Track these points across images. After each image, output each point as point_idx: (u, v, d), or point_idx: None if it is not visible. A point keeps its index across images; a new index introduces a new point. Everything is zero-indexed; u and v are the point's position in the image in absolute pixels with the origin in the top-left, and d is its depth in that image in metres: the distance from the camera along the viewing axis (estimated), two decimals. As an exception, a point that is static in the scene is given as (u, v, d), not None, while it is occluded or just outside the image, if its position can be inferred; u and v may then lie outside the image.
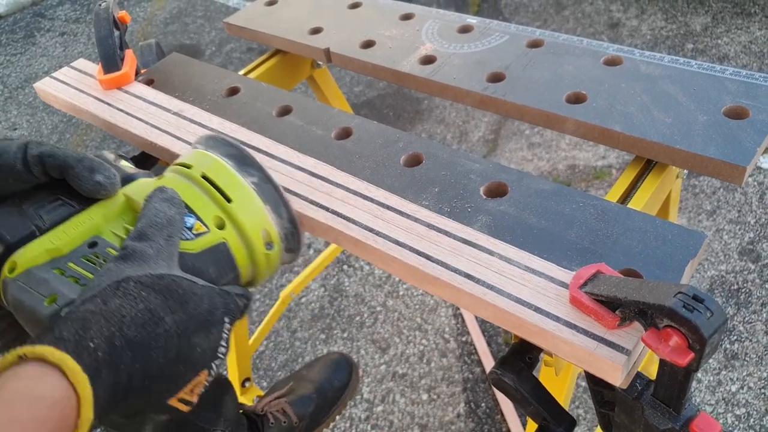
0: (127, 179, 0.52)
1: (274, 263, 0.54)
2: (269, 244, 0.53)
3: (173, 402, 0.42)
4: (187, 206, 0.49)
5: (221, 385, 0.87)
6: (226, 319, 0.45)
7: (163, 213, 0.46)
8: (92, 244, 0.46)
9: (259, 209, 0.52)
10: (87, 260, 0.45)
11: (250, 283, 0.54)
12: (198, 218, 0.49)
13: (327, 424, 1.09)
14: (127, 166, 0.55)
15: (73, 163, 0.46)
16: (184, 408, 0.43)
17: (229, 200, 0.51)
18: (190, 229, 0.49)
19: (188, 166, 0.53)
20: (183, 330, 0.41)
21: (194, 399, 0.43)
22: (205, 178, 0.51)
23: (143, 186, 0.51)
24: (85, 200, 0.48)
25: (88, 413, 0.34)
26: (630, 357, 0.41)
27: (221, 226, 0.50)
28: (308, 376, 1.11)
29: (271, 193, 0.53)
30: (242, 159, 0.53)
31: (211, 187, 0.51)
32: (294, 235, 0.55)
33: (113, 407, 0.37)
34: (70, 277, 0.43)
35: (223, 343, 0.45)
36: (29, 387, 0.33)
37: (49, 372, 0.34)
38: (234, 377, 1.18)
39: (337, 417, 1.11)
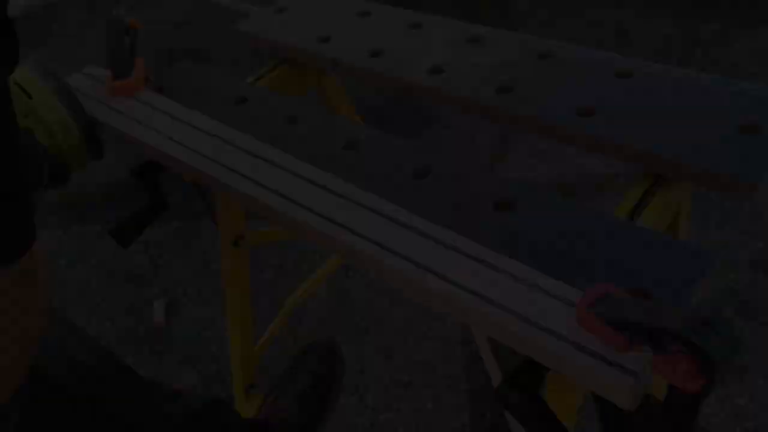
0: None
1: (74, 144, 0.75)
2: (68, 129, 0.75)
3: None
4: None
5: (221, 408, 0.88)
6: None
7: None
8: None
9: (54, 104, 0.74)
10: None
11: (69, 166, 0.76)
12: None
13: (334, 401, 1.10)
14: None
15: None
16: None
17: (30, 97, 0.74)
18: None
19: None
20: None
21: None
22: (16, 84, 0.74)
23: None
24: None
25: None
26: (638, 380, 0.41)
27: (26, 115, 0.73)
28: (295, 366, 1.13)
29: (65, 94, 0.75)
30: (44, 72, 0.77)
31: (20, 90, 0.74)
32: (88, 125, 0.76)
33: None
34: None
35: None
36: None
37: None
38: (239, 384, 1.18)
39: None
